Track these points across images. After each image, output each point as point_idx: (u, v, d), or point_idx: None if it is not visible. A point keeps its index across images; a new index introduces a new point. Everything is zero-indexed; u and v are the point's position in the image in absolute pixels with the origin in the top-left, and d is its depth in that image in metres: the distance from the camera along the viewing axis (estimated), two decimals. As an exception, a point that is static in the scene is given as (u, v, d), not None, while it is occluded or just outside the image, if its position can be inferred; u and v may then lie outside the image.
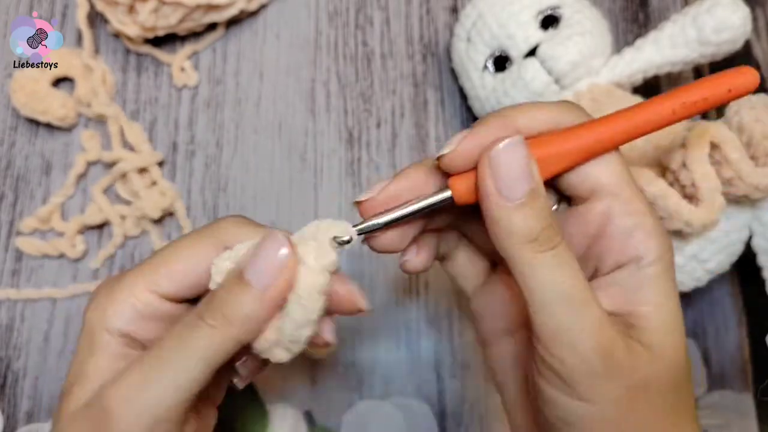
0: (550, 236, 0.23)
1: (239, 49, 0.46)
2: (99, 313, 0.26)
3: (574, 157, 0.24)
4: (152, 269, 0.26)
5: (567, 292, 0.23)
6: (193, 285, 0.26)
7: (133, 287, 0.26)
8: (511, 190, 0.23)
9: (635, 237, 0.24)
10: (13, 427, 0.39)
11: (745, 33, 0.38)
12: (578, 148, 0.24)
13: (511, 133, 0.24)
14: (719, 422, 0.41)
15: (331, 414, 0.40)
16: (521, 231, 0.23)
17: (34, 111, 0.42)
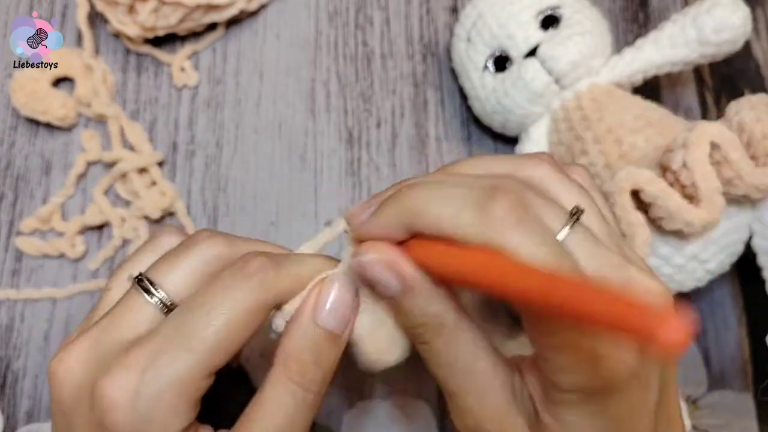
0: (420, 334, 0.24)
1: (239, 49, 0.46)
2: (155, 428, 0.23)
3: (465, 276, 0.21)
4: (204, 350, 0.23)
5: (442, 385, 0.25)
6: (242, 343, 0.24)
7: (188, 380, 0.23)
8: (382, 293, 0.24)
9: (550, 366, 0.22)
10: (13, 427, 0.39)
11: (745, 33, 0.38)
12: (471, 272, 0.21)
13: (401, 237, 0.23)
14: (719, 422, 0.41)
15: (331, 414, 0.40)
16: (402, 325, 0.25)
17: (34, 111, 0.42)
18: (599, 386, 0.21)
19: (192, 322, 0.23)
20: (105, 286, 0.28)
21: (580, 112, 0.39)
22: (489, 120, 0.42)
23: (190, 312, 0.23)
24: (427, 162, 0.44)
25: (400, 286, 0.23)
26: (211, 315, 0.23)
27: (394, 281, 0.23)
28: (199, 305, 0.23)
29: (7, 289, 0.41)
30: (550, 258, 0.20)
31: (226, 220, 0.43)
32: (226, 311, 0.23)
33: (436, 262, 0.22)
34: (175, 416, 0.23)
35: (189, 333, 0.23)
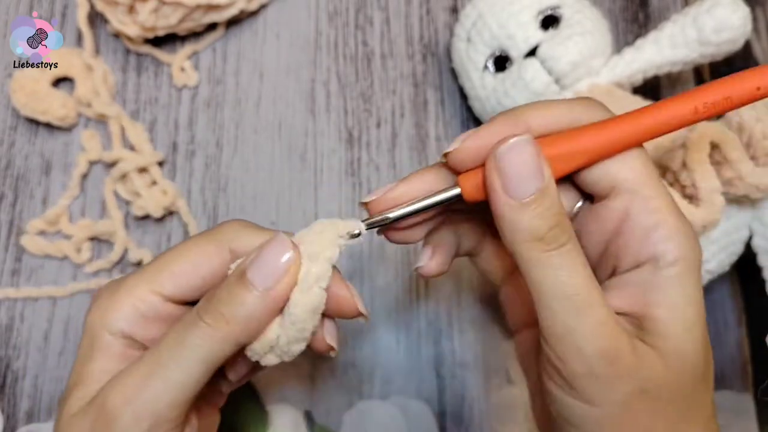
0: (557, 236, 0.23)
1: (239, 49, 0.46)
2: (100, 315, 0.26)
3: (589, 156, 0.24)
4: (155, 271, 0.26)
5: (571, 292, 0.23)
6: (196, 287, 0.26)
7: (136, 289, 0.26)
8: (517, 189, 0.23)
9: (654, 236, 0.24)
10: (13, 426, 0.39)
11: (745, 33, 0.38)
12: (592, 147, 0.24)
13: (521, 132, 0.24)
14: (719, 422, 0.41)
15: (331, 414, 0.40)
16: (527, 230, 0.23)
17: (34, 111, 0.42)
18: (696, 256, 0.24)
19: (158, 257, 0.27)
20: None
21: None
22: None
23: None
24: (427, 162, 0.44)
25: (545, 178, 0.23)
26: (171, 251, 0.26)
27: (546, 169, 0.23)
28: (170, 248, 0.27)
29: (7, 289, 0.41)
30: None
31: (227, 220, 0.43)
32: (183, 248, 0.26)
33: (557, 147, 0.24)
34: (119, 315, 0.26)
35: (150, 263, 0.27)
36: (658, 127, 0.24)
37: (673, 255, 0.24)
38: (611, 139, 0.24)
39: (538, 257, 0.23)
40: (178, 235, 0.43)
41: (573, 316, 0.23)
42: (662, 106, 0.24)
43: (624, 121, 0.24)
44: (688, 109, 0.24)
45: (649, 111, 0.24)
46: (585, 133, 0.24)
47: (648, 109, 0.24)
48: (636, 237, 0.24)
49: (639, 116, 0.24)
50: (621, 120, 0.24)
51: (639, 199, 0.24)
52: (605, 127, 0.24)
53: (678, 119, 0.24)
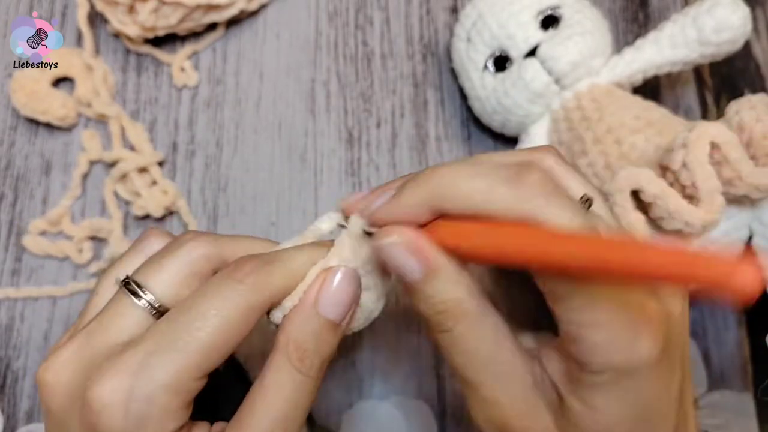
0: (440, 322, 0.24)
1: (239, 49, 0.46)
2: (149, 429, 0.22)
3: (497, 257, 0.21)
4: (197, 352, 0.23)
5: (460, 374, 0.24)
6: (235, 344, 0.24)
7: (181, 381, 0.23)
8: (407, 277, 0.23)
9: (580, 347, 0.21)
10: (13, 426, 0.39)
11: (745, 33, 0.38)
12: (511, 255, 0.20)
13: (424, 217, 0.23)
14: (719, 422, 0.41)
15: (331, 414, 0.40)
16: (421, 312, 0.24)
17: (34, 111, 0.42)
18: (632, 365, 0.21)
19: (184, 325, 0.23)
20: (92, 290, 0.28)
21: (580, 112, 0.39)
22: (489, 120, 0.42)
23: (183, 315, 0.23)
24: (427, 162, 0.44)
25: (422, 270, 0.23)
26: (204, 318, 0.23)
27: (417, 265, 0.23)
28: (192, 308, 0.23)
29: (7, 289, 0.41)
30: (587, 228, 0.21)
31: (226, 220, 0.43)
32: (218, 314, 0.23)
33: (465, 241, 0.22)
34: (169, 417, 0.23)
35: (181, 335, 0.23)
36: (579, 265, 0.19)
37: (598, 365, 0.21)
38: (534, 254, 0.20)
39: (432, 335, 0.24)
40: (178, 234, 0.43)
41: (479, 401, 0.24)
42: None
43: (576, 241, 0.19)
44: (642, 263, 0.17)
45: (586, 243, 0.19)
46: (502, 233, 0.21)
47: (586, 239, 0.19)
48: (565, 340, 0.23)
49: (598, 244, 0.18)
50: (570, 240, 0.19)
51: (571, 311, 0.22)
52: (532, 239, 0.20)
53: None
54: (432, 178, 0.23)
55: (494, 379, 0.23)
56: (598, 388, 0.22)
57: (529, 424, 0.23)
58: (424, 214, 0.23)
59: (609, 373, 0.21)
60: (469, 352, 0.23)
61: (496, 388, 0.23)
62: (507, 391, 0.23)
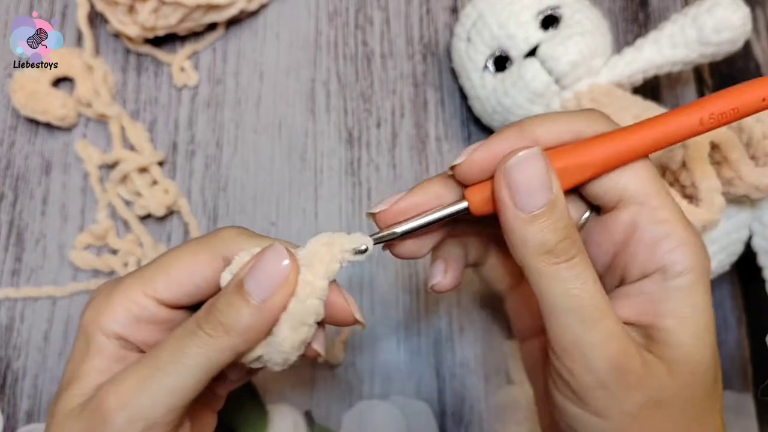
0: (566, 248, 0.23)
1: (239, 49, 0.46)
2: (95, 316, 0.26)
3: (596, 168, 0.24)
4: (151, 275, 0.26)
5: (580, 304, 0.23)
6: (190, 293, 0.26)
7: (131, 291, 0.26)
8: (526, 202, 0.23)
9: (662, 246, 0.24)
10: (13, 426, 0.39)
11: (745, 33, 0.38)
12: (600, 159, 0.24)
13: (528, 144, 0.24)
14: (719, 422, 0.41)
15: (331, 414, 0.40)
16: (536, 242, 0.23)
17: (34, 111, 0.42)
18: (705, 264, 0.24)
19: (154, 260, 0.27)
20: None
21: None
22: (489, 120, 0.42)
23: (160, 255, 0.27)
24: (427, 162, 0.44)
25: (555, 190, 0.23)
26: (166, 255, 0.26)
27: (555, 182, 0.23)
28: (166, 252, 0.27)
29: (7, 289, 0.41)
30: None
31: (226, 220, 0.43)
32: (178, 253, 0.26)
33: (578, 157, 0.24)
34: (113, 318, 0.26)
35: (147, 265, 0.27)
36: (664, 138, 0.24)
37: (681, 265, 0.24)
38: (618, 151, 0.24)
39: (548, 270, 0.23)
40: (179, 234, 0.43)
41: (582, 328, 0.23)
42: (669, 117, 0.24)
43: (630, 132, 0.24)
44: (694, 120, 0.24)
45: (655, 122, 0.24)
46: (591, 145, 0.24)
47: (654, 120, 0.24)
48: (644, 248, 0.24)
49: (645, 128, 0.24)
50: (627, 132, 0.24)
51: (646, 209, 0.24)
52: (611, 139, 0.24)
53: (684, 130, 0.24)
54: (523, 124, 0.24)
55: (610, 308, 0.23)
56: (679, 294, 0.24)
57: (635, 355, 0.23)
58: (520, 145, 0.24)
59: (689, 274, 0.23)
60: (592, 280, 0.23)
61: (614, 317, 0.23)
62: (617, 320, 0.23)
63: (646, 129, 0.24)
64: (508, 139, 0.24)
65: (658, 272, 0.24)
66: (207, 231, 0.43)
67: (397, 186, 0.44)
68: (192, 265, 0.26)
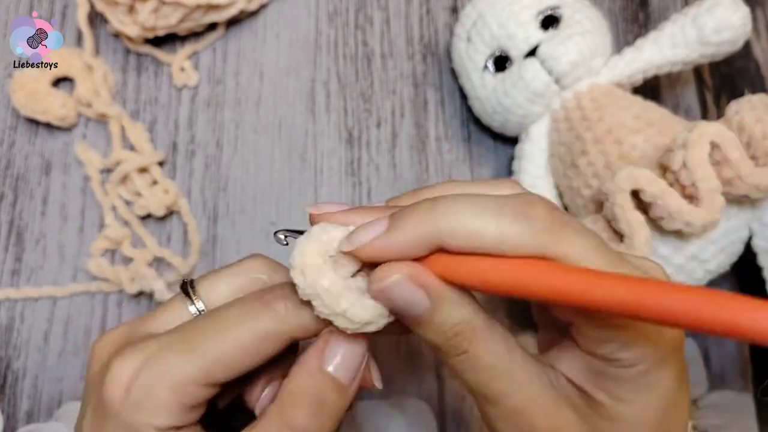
0: (455, 346, 0.23)
1: (239, 49, 0.46)
2: (138, 410, 0.23)
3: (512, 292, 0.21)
4: (206, 359, 0.23)
5: (481, 391, 0.23)
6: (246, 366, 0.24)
7: (183, 381, 0.23)
8: (408, 314, 0.23)
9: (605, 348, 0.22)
10: (13, 427, 0.39)
11: (745, 33, 0.38)
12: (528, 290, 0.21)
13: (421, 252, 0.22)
14: (719, 422, 0.41)
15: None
16: (431, 343, 0.23)
17: (34, 111, 0.42)
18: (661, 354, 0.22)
19: (203, 331, 0.24)
20: None
21: (580, 112, 0.39)
22: (489, 120, 0.42)
23: (207, 322, 0.24)
24: (427, 162, 0.44)
25: (429, 300, 0.22)
26: (222, 330, 0.24)
27: (424, 297, 0.22)
28: (216, 318, 0.24)
29: (7, 289, 0.41)
30: (609, 262, 0.21)
31: (226, 220, 0.43)
32: (236, 331, 0.23)
33: (471, 277, 0.22)
34: (164, 412, 0.23)
35: (197, 339, 0.23)
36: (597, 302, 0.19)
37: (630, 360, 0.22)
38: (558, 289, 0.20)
39: (448, 362, 0.24)
40: (179, 234, 0.43)
41: (490, 409, 0.23)
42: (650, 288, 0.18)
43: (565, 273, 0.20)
44: None
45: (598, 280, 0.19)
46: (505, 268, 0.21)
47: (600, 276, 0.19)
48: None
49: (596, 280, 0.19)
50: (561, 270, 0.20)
51: None
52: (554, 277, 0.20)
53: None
54: (433, 214, 0.22)
55: (516, 387, 0.23)
56: (627, 381, 0.22)
57: (558, 423, 0.23)
58: (422, 250, 0.22)
59: (641, 365, 0.22)
60: (488, 368, 0.23)
61: (520, 396, 0.23)
62: (531, 396, 0.23)
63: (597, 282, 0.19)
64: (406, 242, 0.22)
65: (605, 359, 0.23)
66: (207, 231, 0.43)
67: (397, 186, 0.44)
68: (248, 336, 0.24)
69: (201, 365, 0.23)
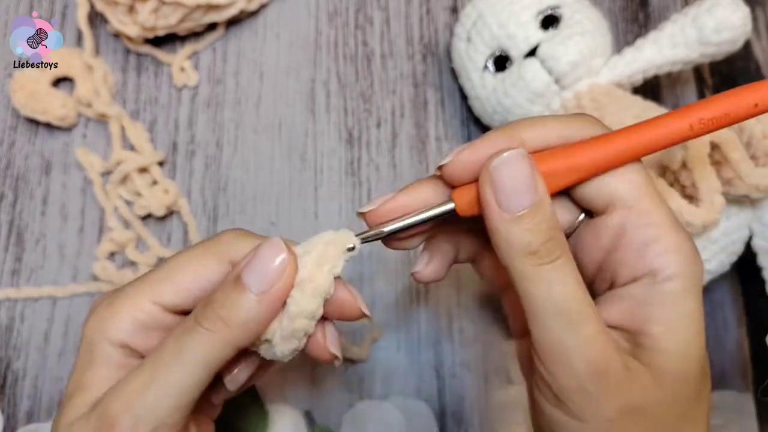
0: (550, 249, 0.23)
1: (239, 49, 0.46)
2: (100, 324, 0.25)
3: (584, 171, 0.24)
4: (156, 281, 0.26)
5: (563, 307, 0.23)
6: (196, 297, 0.26)
7: (136, 299, 0.26)
8: (510, 202, 0.23)
9: (652, 250, 0.24)
10: (13, 427, 0.39)
11: (745, 33, 0.38)
12: (587, 163, 0.24)
13: (515, 146, 0.24)
14: (719, 422, 0.41)
15: (331, 414, 0.40)
16: (519, 243, 0.23)
17: (34, 111, 0.42)
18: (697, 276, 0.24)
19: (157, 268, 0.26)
20: None
21: (580, 112, 0.39)
22: (489, 120, 0.42)
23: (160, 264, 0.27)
24: (427, 162, 0.44)
25: (538, 193, 0.23)
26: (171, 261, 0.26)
27: (536, 187, 0.23)
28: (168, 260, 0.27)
29: (7, 289, 0.41)
30: None
31: (226, 220, 0.43)
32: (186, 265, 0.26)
33: (564, 160, 0.24)
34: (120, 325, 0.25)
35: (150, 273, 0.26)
36: (652, 143, 0.24)
37: (671, 270, 0.23)
38: (606, 155, 0.24)
39: (531, 271, 0.23)
40: (179, 234, 0.43)
41: (564, 330, 0.23)
42: (659, 121, 0.24)
43: (619, 136, 0.24)
44: (684, 125, 0.24)
45: (645, 126, 0.24)
46: (580, 148, 0.24)
47: (644, 124, 0.24)
48: (633, 251, 0.24)
49: (633, 132, 0.24)
50: (616, 136, 0.24)
51: (636, 213, 0.24)
52: (600, 143, 0.24)
53: (674, 135, 0.24)
54: (512, 127, 0.24)
55: (593, 311, 0.23)
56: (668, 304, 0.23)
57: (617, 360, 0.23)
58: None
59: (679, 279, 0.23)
60: (576, 282, 0.23)
61: (598, 323, 0.23)
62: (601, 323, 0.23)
63: (634, 133, 0.24)
64: (495, 141, 0.24)
65: (646, 276, 0.24)
66: (207, 231, 0.43)
67: (397, 186, 0.44)
68: (198, 270, 0.26)
69: (151, 286, 0.26)
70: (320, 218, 0.43)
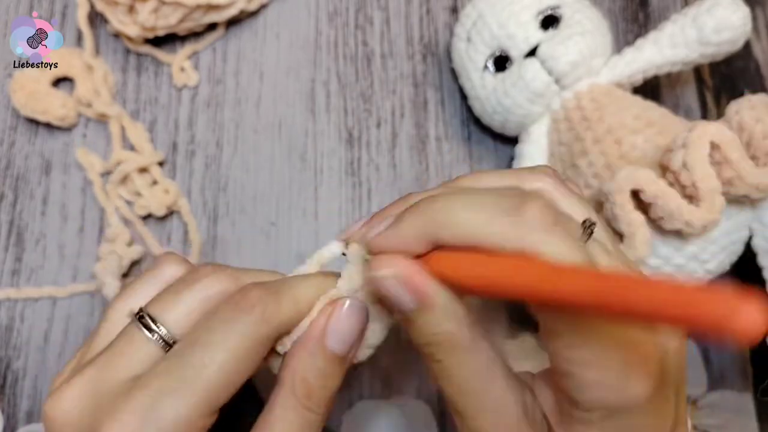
0: (432, 353, 0.23)
1: (239, 49, 0.46)
2: None
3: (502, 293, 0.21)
4: (204, 390, 0.22)
5: (457, 408, 0.24)
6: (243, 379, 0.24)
7: (188, 420, 0.22)
8: (402, 306, 0.23)
9: (571, 382, 0.21)
10: (13, 427, 0.39)
11: (745, 33, 0.38)
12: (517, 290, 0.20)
13: (422, 248, 0.22)
14: (719, 422, 0.41)
15: (331, 414, 0.40)
16: (414, 338, 0.24)
17: (34, 111, 0.42)
18: (624, 404, 0.21)
19: (192, 361, 0.23)
20: (102, 317, 0.26)
21: (580, 112, 0.39)
22: (489, 120, 0.42)
23: (190, 349, 0.23)
24: (427, 162, 0.44)
25: (415, 302, 0.22)
26: (212, 353, 0.23)
27: (409, 298, 0.22)
28: (199, 343, 0.23)
29: (7, 289, 0.41)
30: (587, 262, 0.20)
31: (226, 220, 0.43)
32: (227, 348, 0.23)
33: (463, 273, 0.21)
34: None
35: (190, 372, 0.22)
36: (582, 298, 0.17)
37: (589, 403, 0.21)
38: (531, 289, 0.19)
39: (425, 363, 0.24)
40: (179, 234, 0.43)
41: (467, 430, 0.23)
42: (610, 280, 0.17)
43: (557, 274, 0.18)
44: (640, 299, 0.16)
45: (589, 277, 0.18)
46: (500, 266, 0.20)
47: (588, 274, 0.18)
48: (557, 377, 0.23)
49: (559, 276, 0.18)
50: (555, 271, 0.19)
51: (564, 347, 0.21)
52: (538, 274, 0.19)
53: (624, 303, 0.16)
54: (429, 208, 0.22)
55: (483, 410, 0.23)
56: (588, 425, 0.22)
57: None
58: (421, 245, 0.22)
59: (600, 412, 0.21)
60: (459, 384, 0.23)
61: (484, 420, 0.23)
62: (495, 423, 0.23)
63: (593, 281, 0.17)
64: (405, 236, 0.22)
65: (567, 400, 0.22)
66: (207, 231, 0.43)
67: (397, 186, 0.44)
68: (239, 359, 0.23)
69: (203, 398, 0.22)
70: (320, 218, 0.43)
